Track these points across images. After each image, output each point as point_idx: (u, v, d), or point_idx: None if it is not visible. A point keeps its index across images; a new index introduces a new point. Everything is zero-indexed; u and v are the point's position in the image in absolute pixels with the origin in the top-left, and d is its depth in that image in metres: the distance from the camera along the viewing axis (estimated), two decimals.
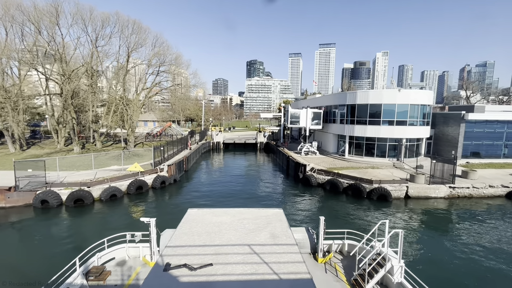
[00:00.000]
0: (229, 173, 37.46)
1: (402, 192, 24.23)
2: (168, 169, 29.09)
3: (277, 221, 9.86)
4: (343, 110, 36.44)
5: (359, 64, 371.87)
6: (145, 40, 38.28)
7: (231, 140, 63.95)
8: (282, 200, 25.81)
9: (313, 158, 37.03)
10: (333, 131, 39.03)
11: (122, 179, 25.18)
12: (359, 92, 33.97)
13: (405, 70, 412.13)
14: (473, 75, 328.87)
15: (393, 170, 30.25)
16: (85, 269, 9.95)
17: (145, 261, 11.08)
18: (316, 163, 33.56)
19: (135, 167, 26.08)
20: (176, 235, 8.61)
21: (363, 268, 9.71)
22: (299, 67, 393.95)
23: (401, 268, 9.05)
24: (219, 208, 11.22)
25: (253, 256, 7.33)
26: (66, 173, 27.39)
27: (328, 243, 11.96)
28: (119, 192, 24.03)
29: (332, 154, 38.98)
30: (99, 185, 23.50)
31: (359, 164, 32.81)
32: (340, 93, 39.22)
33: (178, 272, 6.61)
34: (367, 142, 34.36)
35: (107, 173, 27.54)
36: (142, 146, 47.79)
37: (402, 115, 31.94)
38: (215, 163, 45.63)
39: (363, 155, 34.83)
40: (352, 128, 34.74)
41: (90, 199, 22.23)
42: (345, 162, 34.26)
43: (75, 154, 37.67)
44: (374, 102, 32.73)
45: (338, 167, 31.21)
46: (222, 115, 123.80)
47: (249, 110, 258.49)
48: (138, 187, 25.62)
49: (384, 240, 9.60)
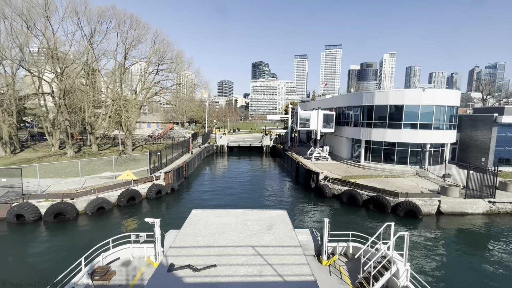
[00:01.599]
0: (233, 180, 34.41)
1: (434, 208, 20.83)
2: (165, 177, 26.15)
3: (281, 222, 9.80)
4: (358, 111, 33.16)
5: (366, 65, 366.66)
6: (143, 36, 35.69)
7: (235, 143, 60.96)
8: (292, 213, 22.60)
9: (324, 164, 33.77)
10: (347, 135, 35.73)
11: (111, 189, 22.30)
12: (377, 92, 30.67)
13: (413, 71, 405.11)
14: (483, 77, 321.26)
15: (417, 179, 26.83)
16: (91, 268, 9.98)
17: (150, 262, 11.08)
18: (329, 170, 30.32)
19: (127, 175, 23.20)
20: (180, 236, 8.65)
21: (368, 271, 9.55)
22: (305, 69, 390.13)
23: (407, 271, 8.94)
24: (223, 210, 11.22)
25: (257, 258, 7.32)
26: (52, 181, 24.67)
27: (332, 245, 11.84)
28: (107, 204, 21.14)
29: (345, 160, 35.65)
30: (84, 197, 20.63)
31: (377, 172, 29.46)
32: (355, 93, 35.98)
33: (182, 273, 6.63)
34: (386, 147, 30.99)
35: (97, 181, 24.75)
36: (141, 149, 45.06)
37: (427, 118, 28.51)
38: (218, 169, 42.62)
39: (381, 162, 31.45)
40: (369, 132, 31.42)
41: (73, 212, 19.36)
42: (361, 170, 30.92)
43: (67, 159, 35.07)
44: (394, 103, 29.39)
45: (355, 176, 27.91)
46: (227, 116, 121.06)
47: (254, 112, 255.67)
48: (130, 198, 22.71)
49: (390, 243, 9.47)
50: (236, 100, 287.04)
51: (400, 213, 20.52)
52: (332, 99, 45.52)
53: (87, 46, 35.20)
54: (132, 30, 34.52)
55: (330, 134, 38.94)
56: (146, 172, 27.46)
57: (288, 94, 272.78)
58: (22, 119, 51.88)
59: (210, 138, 60.52)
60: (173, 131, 62.89)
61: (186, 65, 38.91)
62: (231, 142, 60.84)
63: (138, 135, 66.08)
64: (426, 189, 23.07)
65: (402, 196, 21.19)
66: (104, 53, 36.58)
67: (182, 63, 38.68)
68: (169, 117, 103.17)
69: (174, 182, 27.46)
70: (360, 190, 23.52)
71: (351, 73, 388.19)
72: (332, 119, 36.74)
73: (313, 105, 47.57)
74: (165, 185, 25.89)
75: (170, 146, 35.91)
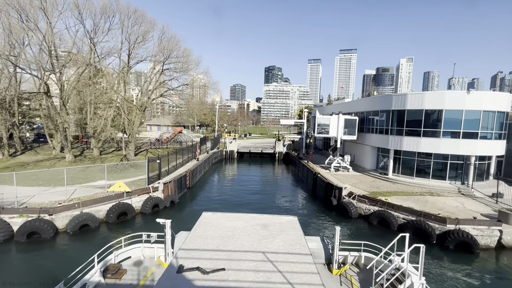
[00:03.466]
0: (242, 191, 30.86)
1: (493, 240, 16.47)
2: (164, 188, 22.91)
3: (291, 228, 9.80)
4: (385, 117, 29.03)
5: (382, 70, 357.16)
6: (149, 32, 33.02)
7: (246, 148, 57.52)
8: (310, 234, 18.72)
9: (346, 176, 29.69)
10: (371, 143, 31.56)
11: (99, 203, 19.18)
12: (411, 95, 26.48)
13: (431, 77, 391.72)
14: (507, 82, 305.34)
15: (461, 199, 22.40)
16: (103, 266, 10.13)
17: (160, 262, 11.16)
18: (352, 184, 26.27)
19: (119, 187, 20.06)
20: (190, 238, 8.75)
21: (381, 283, 9.16)
22: (319, 73, 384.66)
23: (422, 285, 8.61)
24: (233, 213, 11.28)
25: (266, 264, 7.27)
26: (38, 190, 21.90)
27: (343, 255, 11.55)
28: (93, 220, 18.00)
29: (369, 171, 31.42)
30: (66, 212, 17.58)
31: (410, 188, 25.18)
32: (382, 96, 31.84)
33: (191, 275, 6.69)
34: (420, 158, 26.65)
35: (88, 192, 21.79)
36: (146, 154, 42.31)
37: (472, 125, 24.09)
38: (226, 177, 39.16)
39: (413, 175, 27.10)
40: (399, 140, 27.20)
41: (49, 231, 16.28)
42: (390, 184, 26.68)
43: (65, 163, 32.58)
44: (431, 108, 25.14)
45: (384, 192, 23.76)
46: (238, 120, 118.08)
47: (266, 116, 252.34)
48: (121, 213, 19.54)
49: (404, 255, 9.10)
50: (248, 104, 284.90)
51: (450, 245, 16.29)
52: (354, 102, 41.42)
53: (89, 44, 32.86)
54: (136, 26, 32.00)
55: (351, 141, 34.82)
56: (145, 182, 24.34)
57: (301, 98, 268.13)
58: (27, 120, 50.53)
59: (219, 143, 57.35)
60: (182, 135, 60.15)
61: (194, 65, 36.12)
62: (242, 148, 57.45)
63: (146, 138, 63.83)
64: (477, 213, 18.69)
65: (451, 223, 16.96)
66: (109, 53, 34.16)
67: (189, 62, 35.81)
68: (179, 120, 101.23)
69: (174, 194, 24.18)
70: (395, 212, 19.40)
71: (366, 78, 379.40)
72: (354, 125, 32.65)
73: (331, 109, 43.57)
74: (163, 197, 22.64)
75: (175, 151, 32.82)
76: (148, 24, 33.04)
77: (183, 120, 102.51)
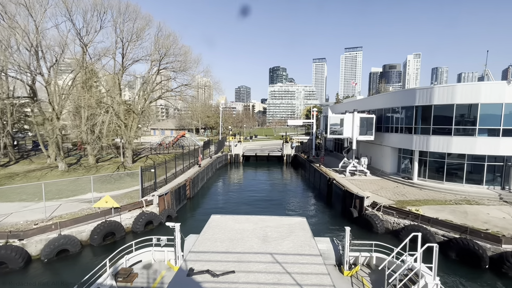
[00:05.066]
0: (248, 200, 27.92)
1: None
2: (159, 201, 20.13)
3: (300, 230, 9.74)
4: (407, 114, 25.79)
5: (389, 67, 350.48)
6: (144, 29, 30.46)
7: (252, 151, 54.59)
8: None
9: (364, 182, 26.49)
10: (391, 144, 28.29)
11: (82, 222, 16.48)
12: (438, 88, 23.17)
13: (439, 72, 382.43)
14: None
15: (506, 207, 19.00)
16: (115, 270, 10.25)
17: (170, 265, 11.21)
18: (372, 191, 23.09)
19: (105, 202, 17.31)
20: (200, 241, 8.85)
21: (393, 284, 8.95)
22: (324, 73, 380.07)
23: (437, 286, 8.39)
24: (242, 215, 11.39)
25: (276, 266, 7.28)
26: (19, 206, 19.41)
27: (354, 255, 11.27)
28: (73, 244, 15.29)
29: (390, 175, 28.13)
30: (40, 235, 14.92)
31: (441, 195, 21.88)
32: (403, 91, 28.62)
33: (201, 278, 6.71)
34: (451, 160, 23.30)
35: (74, 207, 19.21)
36: (145, 161, 39.78)
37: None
38: (231, 184, 36.26)
39: (443, 180, 23.74)
40: (426, 140, 23.91)
41: (18, 261, 13.60)
42: (416, 191, 23.39)
43: (57, 173, 30.22)
44: (464, 102, 21.81)
45: (412, 201, 20.53)
46: (244, 122, 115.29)
47: (272, 117, 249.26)
48: (108, 233, 16.81)
49: (417, 255, 8.92)
50: (253, 105, 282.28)
51: (509, 272, 13.01)
52: (368, 99, 38.11)
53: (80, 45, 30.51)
54: (130, 22, 29.48)
55: (367, 142, 31.56)
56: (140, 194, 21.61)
57: (306, 98, 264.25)
58: (23, 127, 48.67)
59: (224, 147, 54.59)
60: (185, 139, 57.62)
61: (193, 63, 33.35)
62: (247, 151, 54.54)
63: (148, 143, 61.49)
64: None
65: (508, 243, 13.67)
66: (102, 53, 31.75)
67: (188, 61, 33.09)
68: (183, 124, 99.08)
69: (171, 207, 21.39)
70: (431, 227, 16.18)
71: (372, 76, 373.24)
72: (371, 124, 29.43)
73: (343, 107, 40.34)
74: (159, 212, 19.86)
75: (175, 157, 30.09)
76: (142, 20, 30.56)
77: (187, 123, 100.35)
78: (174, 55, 32.08)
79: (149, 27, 31.88)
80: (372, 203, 19.84)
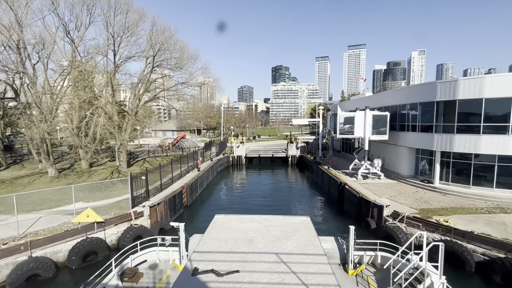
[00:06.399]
0: (251, 206, 25.55)
1: None
2: (151, 213, 17.87)
3: (304, 229, 9.79)
4: (426, 110, 23.25)
5: (393, 64, 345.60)
6: (137, 23, 28.24)
7: (255, 153, 52.21)
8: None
9: (379, 186, 24.00)
10: (408, 143, 25.73)
11: (59, 241, 14.25)
12: (464, 81, 20.57)
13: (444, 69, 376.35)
14: None
15: None
16: (120, 270, 10.38)
17: (175, 265, 11.25)
18: (390, 197, 20.63)
19: (86, 216, 15.06)
20: (204, 241, 8.94)
21: (399, 283, 8.81)
22: (327, 71, 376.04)
23: (443, 285, 8.37)
24: (246, 215, 11.42)
25: (280, 265, 7.30)
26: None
27: (359, 254, 11.26)
28: (46, 268, 13.05)
29: (406, 178, 25.58)
30: (6, 258, 12.71)
31: (470, 201, 19.33)
32: (421, 85, 26.03)
33: (206, 277, 6.75)
34: (479, 162, 20.70)
35: (55, 220, 17.11)
36: (142, 164, 37.63)
37: None
38: (233, 189, 33.92)
39: (470, 184, 21.14)
40: (449, 140, 21.34)
41: None
42: (439, 196, 20.83)
43: (46, 180, 28.19)
44: (494, 96, 19.20)
45: (437, 209, 18.01)
46: (246, 122, 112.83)
47: (275, 117, 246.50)
48: (89, 252, 14.55)
49: (422, 253, 9.00)
50: (256, 105, 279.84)
51: None
52: (380, 96, 35.54)
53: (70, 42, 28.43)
54: (121, 15, 27.28)
55: (380, 142, 29.00)
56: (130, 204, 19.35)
57: (310, 97, 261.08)
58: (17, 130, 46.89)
59: (225, 148, 52.31)
60: (185, 140, 55.43)
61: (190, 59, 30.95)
62: (250, 152, 52.17)
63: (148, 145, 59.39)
64: None
65: None
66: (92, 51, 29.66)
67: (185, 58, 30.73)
68: (184, 124, 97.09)
69: (165, 218, 19.09)
70: (468, 243, 13.66)
71: (376, 73, 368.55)
72: (384, 122, 26.89)
73: (351, 105, 37.80)
74: (150, 225, 17.59)
75: (171, 161, 27.84)
76: (135, 14, 28.36)
77: (189, 124, 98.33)
78: (170, 51, 29.85)
79: (142, 22, 29.72)
80: (393, 212, 17.35)
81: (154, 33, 29.11)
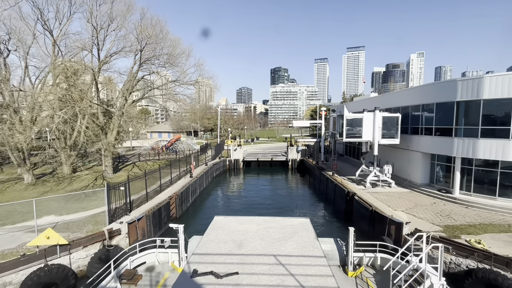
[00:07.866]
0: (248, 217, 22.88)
1: None
2: (129, 230, 15.20)
3: (303, 230, 9.96)
4: (444, 112, 20.80)
5: (392, 66, 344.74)
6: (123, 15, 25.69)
7: (253, 156, 49.61)
8: None
9: (391, 196, 21.47)
10: (422, 148, 23.24)
11: (8, 270, 11.54)
12: (490, 78, 18.12)
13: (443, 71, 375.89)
14: None
15: None
16: (119, 272, 10.23)
17: (174, 267, 11.14)
18: (405, 209, 18.12)
19: (46, 238, 12.36)
20: (203, 242, 9.19)
21: (398, 285, 8.67)
22: (326, 73, 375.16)
23: (442, 286, 8.28)
24: (245, 216, 12.11)
25: (279, 267, 7.31)
26: None
27: (358, 256, 11.16)
28: None
29: (421, 187, 23.07)
30: None
31: (499, 216, 16.87)
32: (438, 84, 23.67)
33: (205, 279, 6.81)
34: (506, 170, 18.22)
35: (14, 240, 14.41)
36: (132, 168, 34.94)
37: None
38: (229, 197, 31.28)
39: (496, 195, 18.65)
40: (471, 144, 18.86)
41: None
42: (462, 209, 18.32)
43: (21, 187, 25.48)
44: None
45: (464, 226, 15.50)
46: (245, 124, 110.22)
47: (274, 118, 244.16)
48: (49, 284, 11.85)
49: (422, 255, 9.02)
50: (255, 106, 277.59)
51: None
52: (388, 96, 33.13)
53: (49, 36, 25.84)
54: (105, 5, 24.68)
55: (390, 146, 26.52)
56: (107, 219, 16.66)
57: (309, 99, 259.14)
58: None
59: (222, 151, 49.70)
60: (179, 143, 52.76)
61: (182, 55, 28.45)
62: (248, 155, 49.56)
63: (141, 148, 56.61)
64: None
65: None
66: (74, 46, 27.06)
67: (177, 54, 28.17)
68: (181, 126, 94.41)
69: (148, 235, 16.42)
70: (508, 272, 11.11)
71: (375, 75, 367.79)
72: (395, 125, 24.43)
73: (355, 107, 35.33)
74: (128, 245, 14.91)
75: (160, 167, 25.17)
76: (121, 4, 25.77)
77: (185, 125, 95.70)
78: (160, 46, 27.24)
79: (130, 14, 27.13)
80: (414, 231, 14.77)
81: (143, 26, 26.56)
